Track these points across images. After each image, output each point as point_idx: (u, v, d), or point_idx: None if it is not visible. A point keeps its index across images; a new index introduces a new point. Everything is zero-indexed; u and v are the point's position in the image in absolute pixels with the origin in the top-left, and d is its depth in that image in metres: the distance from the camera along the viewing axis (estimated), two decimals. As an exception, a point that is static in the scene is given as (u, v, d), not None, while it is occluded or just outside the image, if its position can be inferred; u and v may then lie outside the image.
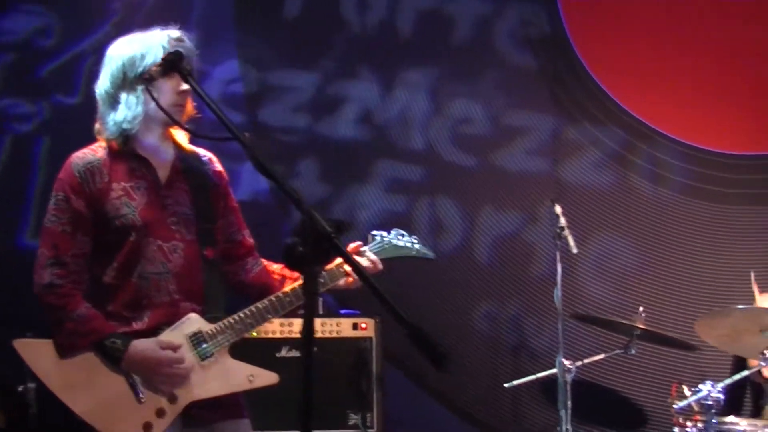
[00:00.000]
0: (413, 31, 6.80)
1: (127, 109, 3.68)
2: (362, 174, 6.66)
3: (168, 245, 3.70)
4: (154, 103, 3.63)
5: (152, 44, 3.68)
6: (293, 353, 5.60)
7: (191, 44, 3.75)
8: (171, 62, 3.54)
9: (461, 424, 6.62)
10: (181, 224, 3.75)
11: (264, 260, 4.01)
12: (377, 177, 6.67)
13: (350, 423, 5.65)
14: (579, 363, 5.65)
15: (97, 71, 3.80)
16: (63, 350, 3.64)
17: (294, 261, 2.68)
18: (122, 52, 3.72)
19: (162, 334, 3.66)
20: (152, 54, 3.66)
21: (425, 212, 6.68)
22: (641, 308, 5.80)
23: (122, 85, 3.69)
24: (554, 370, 5.57)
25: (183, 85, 3.66)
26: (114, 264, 3.68)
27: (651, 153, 6.80)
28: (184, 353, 3.67)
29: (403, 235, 4.09)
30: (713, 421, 5.16)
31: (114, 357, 3.61)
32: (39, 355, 3.66)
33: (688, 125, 6.81)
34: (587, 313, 6.39)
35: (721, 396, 5.14)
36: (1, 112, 6.38)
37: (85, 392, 3.60)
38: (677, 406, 5.19)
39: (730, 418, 5.44)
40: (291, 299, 3.74)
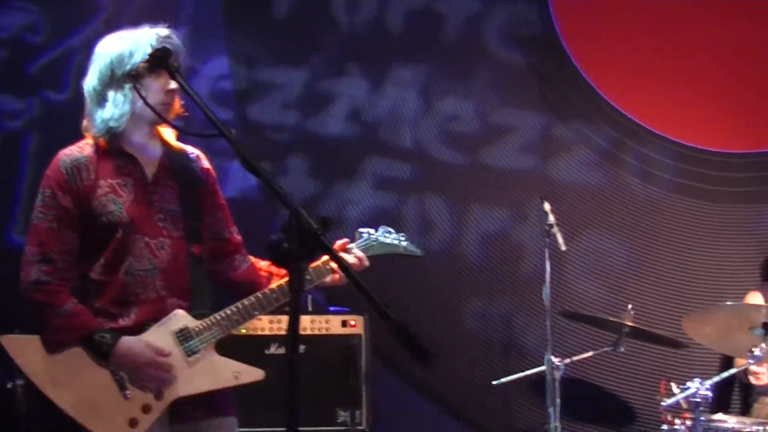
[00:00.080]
0: (403, 29, 6.79)
1: (115, 107, 3.68)
2: (351, 171, 6.65)
3: (155, 242, 3.70)
4: (142, 102, 3.63)
5: (140, 42, 3.67)
6: (282, 350, 5.61)
7: (180, 42, 3.75)
8: (158, 59, 3.56)
9: (451, 422, 6.61)
10: (168, 221, 3.75)
11: (252, 257, 4.01)
12: (366, 174, 6.66)
13: (339, 420, 5.66)
14: (568, 360, 5.65)
15: (86, 68, 3.79)
16: (50, 346, 3.64)
17: (279, 257, 2.69)
18: (110, 50, 3.71)
19: (148, 331, 3.67)
20: (140, 52, 3.66)
21: (414, 210, 6.67)
22: (630, 306, 5.80)
23: (110, 83, 3.69)
24: (543, 368, 5.58)
25: (171, 84, 3.66)
26: (101, 261, 3.68)
27: (640, 151, 6.80)
28: (170, 349, 3.67)
29: (390, 233, 4.10)
30: (701, 419, 5.17)
31: (102, 352, 3.60)
32: (26, 352, 3.66)
33: (678, 123, 6.81)
34: (576, 311, 6.39)
35: (709, 393, 5.15)
36: (-9, 109, 6.39)
37: (72, 388, 3.61)
38: (665, 404, 5.20)
39: (719, 416, 5.46)
40: (277, 296, 3.74)
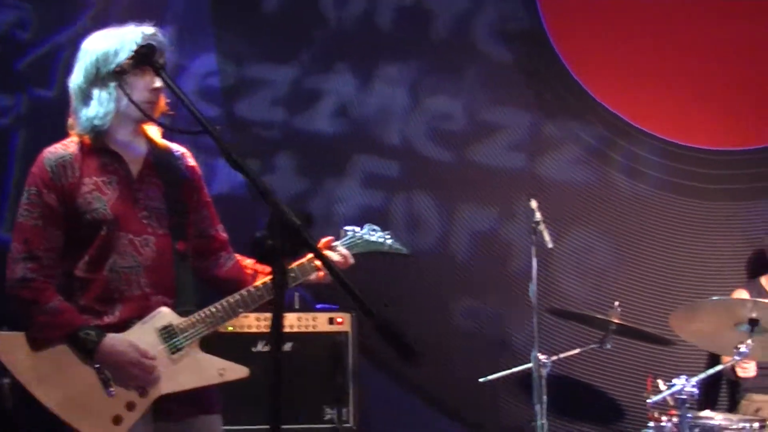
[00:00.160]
0: (392, 26, 6.79)
1: (99, 105, 3.68)
2: (339, 169, 6.64)
3: (139, 239, 3.71)
4: (127, 100, 3.63)
5: (126, 40, 3.68)
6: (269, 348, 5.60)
7: (165, 40, 3.75)
8: (143, 55, 3.56)
9: (438, 419, 6.60)
10: (153, 218, 3.75)
11: (237, 255, 4.01)
12: (355, 172, 6.65)
13: (326, 418, 5.66)
14: (554, 357, 5.66)
15: (73, 65, 3.79)
16: (35, 344, 3.64)
17: (263, 254, 2.70)
18: (96, 48, 3.72)
19: (133, 328, 3.67)
20: (126, 50, 3.65)
21: (402, 208, 6.66)
22: (617, 303, 5.80)
23: (95, 81, 3.69)
24: (529, 365, 5.58)
25: (156, 83, 3.67)
26: (85, 258, 3.68)
27: (628, 148, 6.80)
28: (154, 347, 3.67)
29: (376, 230, 4.10)
30: (687, 416, 5.17)
31: (87, 349, 3.60)
32: (11, 349, 3.66)
33: (666, 120, 6.81)
34: (563, 308, 6.40)
35: (696, 390, 5.16)
36: (-21, 106, 6.37)
37: (57, 385, 3.60)
38: (651, 401, 5.21)
39: (706, 413, 5.47)
40: (262, 293, 3.74)
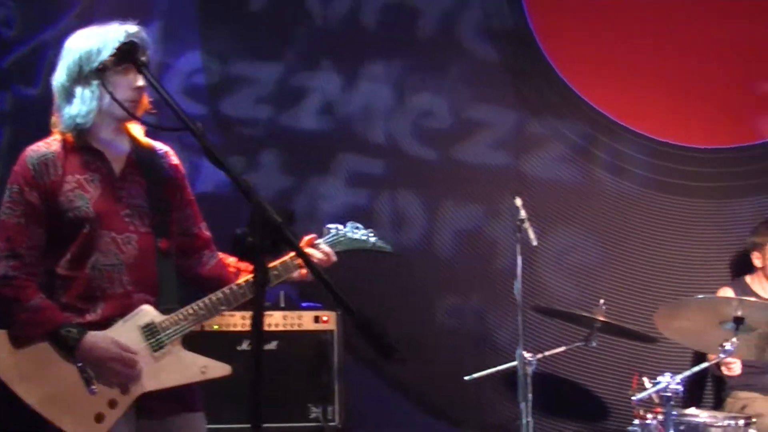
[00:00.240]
0: (377, 24, 6.78)
1: (82, 104, 3.68)
2: (324, 166, 6.63)
3: (121, 237, 3.70)
4: (109, 98, 3.63)
5: (109, 39, 3.67)
6: (255, 346, 5.59)
7: (148, 38, 3.75)
8: (125, 52, 3.56)
9: (423, 417, 6.61)
10: (136, 216, 3.74)
11: (221, 253, 4.01)
12: (339, 169, 6.64)
13: (311, 416, 5.65)
14: (540, 355, 5.66)
15: (57, 63, 3.79)
16: (17, 341, 3.63)
17: (243, 251, 2.69)
18: (79, 46, 3.71)
19: (115, 326, 3.66)
20: (109, 48, 3.65)
21: (387, 206, 6.66)
22: (602, 301, 5.81)
23: (78, 79, 3.69)
24: (514, 363, 5.58)
25: (138, 82, 3.67)
26: (68, 256, 3.68)
27: (613, 146, 6.81)
28: (137, 345, 3.66)
29: (359, 228, 4.11)
30: (673, 413, 5.19)
31: (68, 346, 3.60)
32: (-6, 347, 3.65)
33: (651, 119, 6.83)
34: (549, 306, 6.41)
35: (680, 387, 5.17)
36: (-37, 104, 6.36)
37: (38, 383, 3.60)
38: (636, 398, 5.22)
39: (691, 410, 5.49)
40: (244, 291, 3.74)
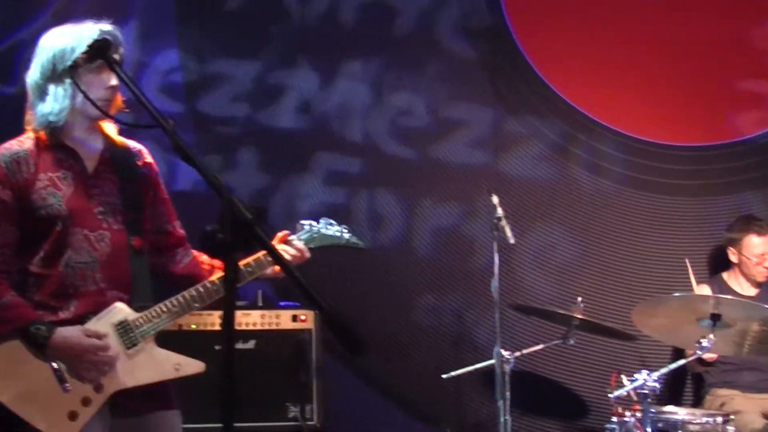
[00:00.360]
0: (355, 22, 6.78)
1: (55, 102, 3.67)
2: (302, 165, 6.62)
3: (94, 234, 3.69)
4: (82, 96, 3.62)
5: (83, 37, 3.66)
6: (235, 345, 5.58)
7: (122, 37, 3.74)
8: (97, 49, 3.56)
9: (403, 416, 6.61)
10: (108, 214, 3.73)
11: (195, 251, 3.99)
12: (317, 168, 6.63)
13: (290, 415, 5.65)
14: (518, 353, 5.66)
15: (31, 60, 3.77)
16: None
17: (213, 248, 2.68)
18: (53, 44, 3.70)
19: (88, 324, 3.64)
20: (82, 47, 3.64)
21: (365, 204, 6.66)
22: (580, 298, 5.82)
23: (51, 77, 3.68)
24: (492, 361, 5.58)
25: (111, 81, 3.66)
26: (40, 254, 3.66)
27: (591, 144, 6.83)
28: (110, 341, 3.65)
29: (332, 224, 4.10)
30: (651, 411, 5.20)
31: (38, 344, 3.57)
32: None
33: (628, 116, 6.85)
34: (526, 304, 6.41)
35: (657, 385, 5.18)
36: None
37: (10, 381, 3.57)
38: (613, 395, 5.23)
39: (669, 408, 5.51)
40: (218, 288, 3.73)
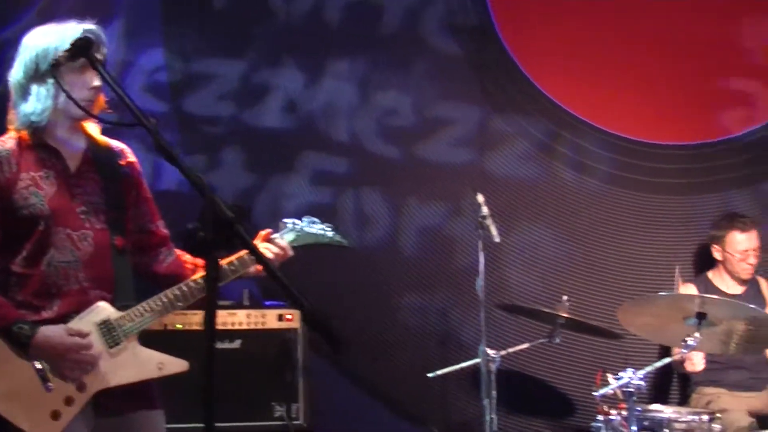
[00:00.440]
0: (340, 20, 6.77)
1: (37, 101, 3.67)
2: (287, 164, 6.62)
3: (77, 234, 3.68)
4: (64, 96, 3.61)
5: (66, 37, 3.65)
6: (221, 345, 5.59)
7: (105, 37, 3.74)
8: (79, 47, 3.54)
9: (389, 415, 6.61)
10: (91, 213, 3.72)
11: (178, 250, 3.99)
12: (302, 168, 6.63)
13: (276, 415, 5.65)
14: (503, 352, 5.67)
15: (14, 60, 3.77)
16: None
17: (194, 247, 2.67)
18: (36, 43, 3.70)
19: (70, 323, 3.63)
20: (65, 46, 3.63)
21: (351, 204, 6.65)
22: (565, 297, 5.82)
23: (34, 77, 3.67)
24: (478, 360, 5.58)
25: (94, 81, 3.66)
26: (23, 253, 3.65)
27: (576, 142, 6.83)
28: (93, 340, 3.64)
29: (316, 222, 4.10)
30: (636, 409, 5.20)
31: (21, 343, 3.57)
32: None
33: (613, 115, 6.85)
34: (512, 303, 6.41)
35: (642, 383, 5.18)
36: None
37: None
38: (598, 394, 5.23)
39: (655, 406, 5.51)
40: (200, 287, 3.72)
